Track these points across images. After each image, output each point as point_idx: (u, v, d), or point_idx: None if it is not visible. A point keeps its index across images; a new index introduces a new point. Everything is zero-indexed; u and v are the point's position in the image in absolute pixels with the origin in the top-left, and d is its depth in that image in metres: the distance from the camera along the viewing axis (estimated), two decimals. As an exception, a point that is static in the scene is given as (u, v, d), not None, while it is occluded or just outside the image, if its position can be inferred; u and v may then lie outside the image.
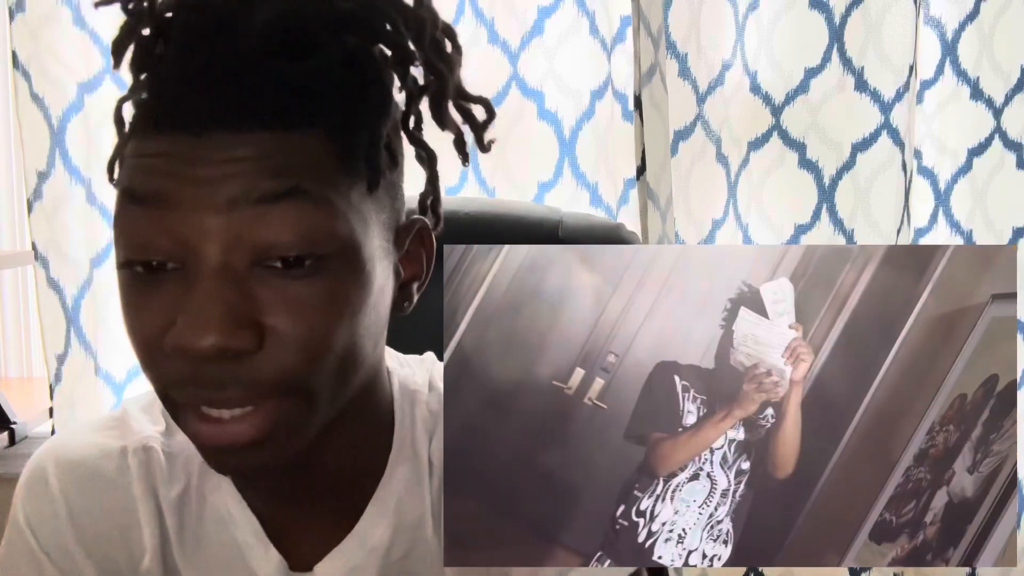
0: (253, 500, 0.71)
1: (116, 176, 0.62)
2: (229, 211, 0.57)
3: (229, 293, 0.57)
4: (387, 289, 0.65)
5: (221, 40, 0.58)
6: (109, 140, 0.63)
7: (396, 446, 0.72)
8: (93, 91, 1.42)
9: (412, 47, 0.62)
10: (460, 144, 0.66)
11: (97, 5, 0.64)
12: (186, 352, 0.57)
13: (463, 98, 0.65)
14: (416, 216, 0.69)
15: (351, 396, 0.65)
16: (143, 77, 0.61)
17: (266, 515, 0.71)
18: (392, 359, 0.74)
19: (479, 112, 0.66)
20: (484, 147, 0.66)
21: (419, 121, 0.67)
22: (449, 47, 0.64)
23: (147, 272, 0.59)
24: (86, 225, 1.45)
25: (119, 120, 0.64)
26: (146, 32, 0.61)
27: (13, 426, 1.58)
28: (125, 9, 0.61)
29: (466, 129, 0.66)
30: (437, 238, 0.71)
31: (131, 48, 0.61)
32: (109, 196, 1.45)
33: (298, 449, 0.62)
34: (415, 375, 0.74)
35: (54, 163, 1.42)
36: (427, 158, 0.68)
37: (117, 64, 0.62)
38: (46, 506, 0.71)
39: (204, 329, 0.56)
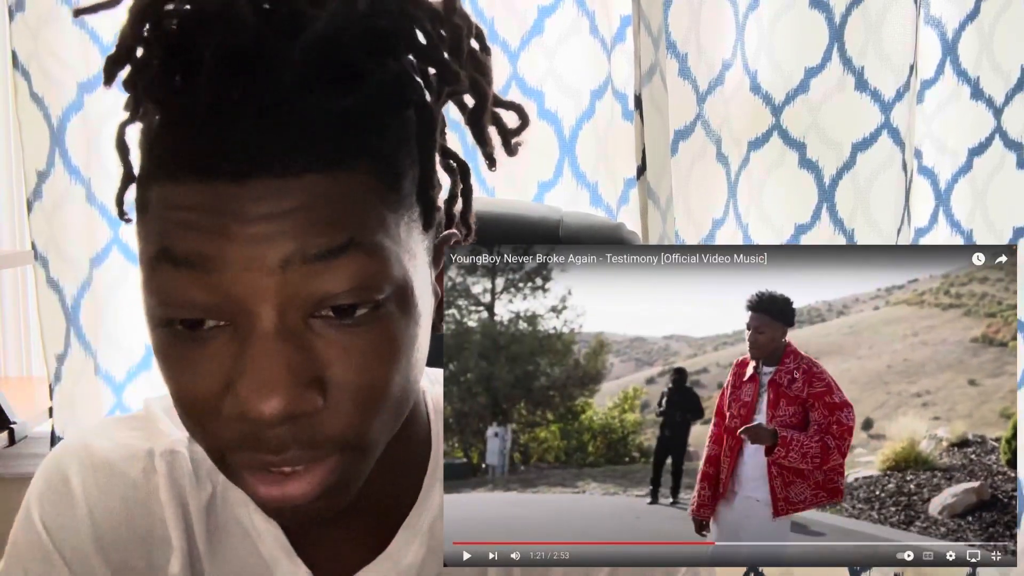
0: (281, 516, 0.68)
1: (138, 215, 0.57)
2: (283, 271, 0.53)
3: (289, 353, 0.53)
4: (430, 317, 0.62)
5: (259, 72, 0.53)
6: (109, 140, 0.61)
7: (431, 469, 0.69)
8: (93, 91, 1.42)
9: (455, 67, 0.58)
10: (489, 155, 0.62)
11: (77, 13, 0.60)
12: (250, 419, 0.53)
13: (496, 104, 0.61)
14: (449, 231, 0.66)
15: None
16: (159, 109, 0.56)
17: (295, 530, 0.69)
18: (424, 376, 0.68)
19: (510, 118, 0.63)
20: (512, 151, 0.63)
21: (444, 128, 0.63)
22: (478, 48, 0.60)
23: (189, 329, 0.55)
24: (86, 225, 1.45)
25: (122, 146, 0.60)
26: (155, 54, 0.55)
27: (13, 426, 1.58)
28: (135, 31, 0.55)
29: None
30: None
31: (131, 68, 0.56)
32: (109, 196, 1.45)
33: (351, 496, 0.60)
34: None
35: (54, 163, 1.42)
36: (458, 169, 0.66)
37: (109, 82, 0.56)
38: (66, 507, 0.68)
39: (268, 394, 0.52)
